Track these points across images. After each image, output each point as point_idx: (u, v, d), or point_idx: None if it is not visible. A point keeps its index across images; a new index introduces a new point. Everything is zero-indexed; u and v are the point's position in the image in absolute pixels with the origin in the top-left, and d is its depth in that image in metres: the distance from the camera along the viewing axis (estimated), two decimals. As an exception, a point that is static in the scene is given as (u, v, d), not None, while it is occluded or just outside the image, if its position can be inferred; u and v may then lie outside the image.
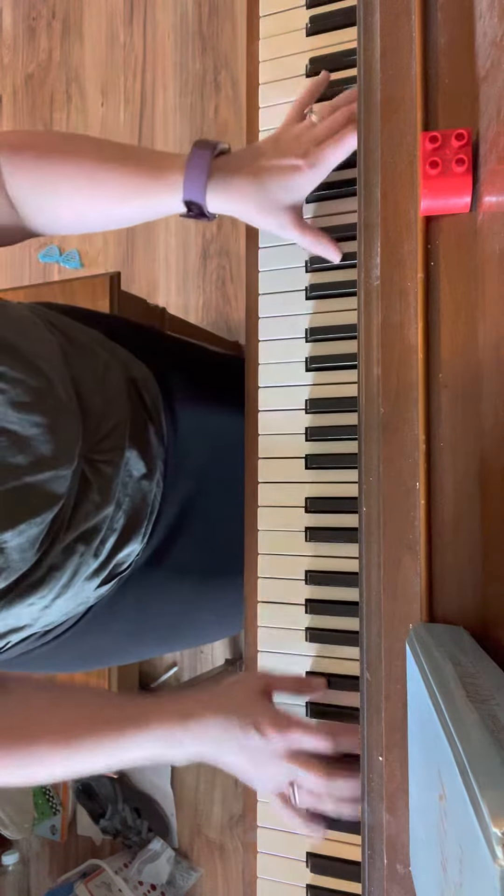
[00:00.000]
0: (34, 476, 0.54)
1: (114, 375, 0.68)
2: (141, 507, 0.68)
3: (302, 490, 0.61)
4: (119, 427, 0.65)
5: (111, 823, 1.60)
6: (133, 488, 0.66)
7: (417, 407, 0.42)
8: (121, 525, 0.66)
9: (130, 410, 0.67)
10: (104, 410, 0.64)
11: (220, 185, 0.58)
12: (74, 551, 0.61)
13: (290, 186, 0.58)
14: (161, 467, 0.70)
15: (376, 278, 0.45)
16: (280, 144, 0.58)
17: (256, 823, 0.60)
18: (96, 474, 0.62)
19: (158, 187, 0.59)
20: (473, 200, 0.41)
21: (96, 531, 0.63)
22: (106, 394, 0.65)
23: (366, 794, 0.43)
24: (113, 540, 0.65)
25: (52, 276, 1.93)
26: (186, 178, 0.57)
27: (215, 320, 1.72)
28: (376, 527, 0.44)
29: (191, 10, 1.80)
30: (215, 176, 0.58)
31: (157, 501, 0.70)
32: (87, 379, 0.64)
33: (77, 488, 0.60)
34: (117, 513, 0.65)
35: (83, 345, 0.67)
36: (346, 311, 0.61)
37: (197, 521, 0.75)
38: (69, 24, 1.98)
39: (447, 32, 0.44)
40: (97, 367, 0.66)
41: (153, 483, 0.69)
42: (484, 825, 0.22)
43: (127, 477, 0.65)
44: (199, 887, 1.61)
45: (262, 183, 0.57)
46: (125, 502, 0.66)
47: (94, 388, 0.64)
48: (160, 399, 0.73)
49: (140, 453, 0.67)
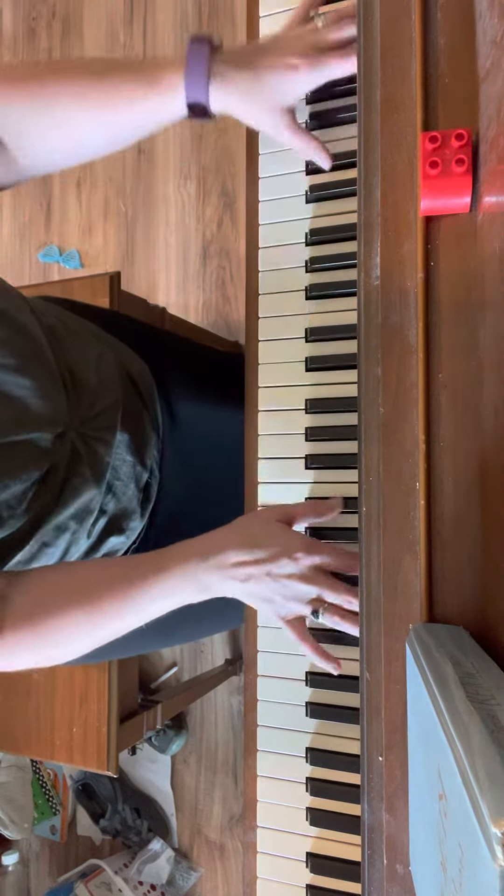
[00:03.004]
0: (20, 434, 0.55)
1: (107, 363, 0.68)
2: (133, 494, 0.68)
3: (302, 490, 0.61)
4: (112, 408, 0.66)
5: (111, 823, 1.60)
6: (125, 473, 0.67)
7: (417, 407, 0.42)
8: (112, 508, 0.66)
9: (124, 395, 0.68)
10: (98, 390, 0.65)
11: (220, 83, 0.55)
12: (66, 529, 0.61)
13: (287, 86, 0.55)
14: (156, 457, 0.71)
15: (376, 278, 0.45)
16: (281, 43, 0.56)
17: (256, 823, 0.60)
18: (88, 449, 0.62)
19: (160, 90, 0.56)
20: (473, 200, 0.41)
21: (88, 511, 0.63)
22: (100, 376, 0.66)
23: (366, 794, 0.43)
24: (104, 522, 0.66)
25: (52, 275, 1.93)
26: (188, 78, 0.54)
27: (215, 320, 1.72)
28: (376, 527, 0.44)
29: (191, 10, 1.80)
30: (215, 72, 0.55)
31: (151, 492, 0.71)
32: (79, 361, 0.64)
33: (68, 461, 0.60)
34: (108, 495, 0.65)
35: (77, 333, 0.68)
36: (346, 311, 0.61)
37: (195, 518, 0.75)
38: (69, 24, 1.98)
39: (447, 32, 0.44)
40: (90, 353, 0.67)
41: (146, 471, 0.69)
42: (484, 825, 0.22)
43: (119, 460, 0.66)
44: (199, 887, 1.61)
45: (261, 80, 0.55)
46: (116, 486, 0.66)
47: (87, 370, 0.65)
48: (155, 390, 0.74)
49: (132, 438, 0.67)
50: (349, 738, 0.58)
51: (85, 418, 0.63)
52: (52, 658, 0.57)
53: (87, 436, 0.63)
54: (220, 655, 1.62)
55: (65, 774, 1.73)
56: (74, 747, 1.03)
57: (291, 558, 0.53)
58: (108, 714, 1.00)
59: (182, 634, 0.93)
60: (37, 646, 0.55)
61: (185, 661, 1.67)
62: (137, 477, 0.68)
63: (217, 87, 0.55)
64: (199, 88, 0.54)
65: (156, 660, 1.68)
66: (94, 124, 0.57)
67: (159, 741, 1.59)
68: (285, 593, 0.53)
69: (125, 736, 1.04)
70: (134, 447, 0.67)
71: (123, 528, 0.68)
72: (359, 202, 0.47)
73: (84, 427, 0.62)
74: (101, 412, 0.64)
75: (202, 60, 0.54)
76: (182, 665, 1.67)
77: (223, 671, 1.52)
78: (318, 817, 0.58)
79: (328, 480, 0.60)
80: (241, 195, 1.66)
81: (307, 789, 0.58)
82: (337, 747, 0.58)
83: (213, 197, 1.75)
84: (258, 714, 0.61)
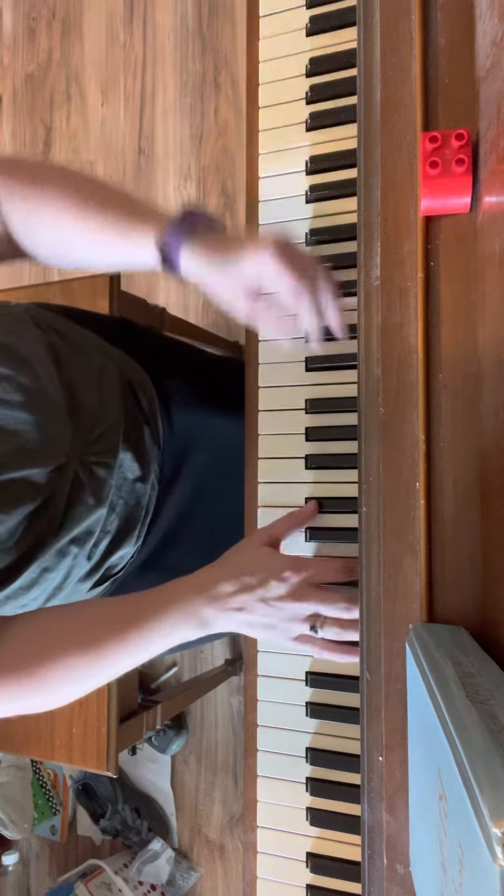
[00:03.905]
0: (17, 471, 0.54)
1: (109, 377, 0.68)
2: (135, 510, 0.68)
3: (302, 490, 0.61)
4: (114, 428, 0.65)
5: (111, 823, 1.60)
6: (127, 491, 0.66)
7: (417, 407, 0.42)
8: (114, 528, 0.65)
9: (125, 412, 0.67)
10: (98, 411, 0.64)
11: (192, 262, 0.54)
12: (67, 553, 0.61)
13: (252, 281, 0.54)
14: (156, 470, 0.70)
15: (376, 278, 0.45)
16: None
17: (256, 823, 0.60)
18: (90, 476, 0.62)
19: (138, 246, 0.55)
20: (473, 200, 0.41)
21: (90, 534, 0.63)
22: (101, 395, 0.65)
23: (366, 794, 0.43)
24: (106, 542, 0.65)
25: (52, 276, 1.93)
26: (163, 251, 0.54)
27: (215, 320, 1.72)
28: (376, 527, 0.44)
29: (191, 10, 1.80)
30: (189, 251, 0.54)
31: (151, 504, 0.70)
32: (81, 379, 0.64)
33: (70, 490, 0.60)
34: (111, 515, 0.64)
35: (79, 346, 0.67)
36: (346, 311, 0.61)
37: (194, 524, 0.75)
38: (69, 24, 1.98)
39: (447, 32, 0.44)
40: (92, 369, 0.66)
41: (147, 485, 0.69)
42: (484, 825, 0.22)
43: (121, 479, 0.65)
44: (199, 887, 1.61)
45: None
46: (119, 505, 0.65)
47: (88, 389, 0.64)
48: (157, 402, 0.73)
49: (135, 455, 0.67)
50: (349, 738, 0.58)
51: (86, 442, 0.62)
52: (47, 703, 0.56)
53: (88, 462, 0.62)
54: (220, 655, 1.62)
55: (65, 774, 1.73)
56: (74, 747, 1.03)
57: (279, 579, 0.53)
58: (107, 714, 1.00)
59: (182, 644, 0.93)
60: (33, 691, 0.53)
61: (185, 661, 1.67)
62: (139, 493, 0.68)
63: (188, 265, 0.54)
64: (172, 263, 0.55)
65: (156, 660, 1.68)
66: (76, 249, 0.59)
67: (159, 741, 1.59)
68: (281, 616, 0.53)
69: (125, 736, 1.04)
70: (136, 464, 0.67)
71: (124, 544, 0.68)
72: (359, 202, 0.47)
73: (85, 453, 0.62)
74: (102, 434, 0.64)
75: (179, 243, 0.54)
76: (182, 665, 1.67)
77: (223, 671, 1.52)
78: (318, 817, 0.58)
79: (328, 480, 0.60)
80: (241, 195, 1.66)
81: (307, 789, 0.58)
82: (337, 747, 0.58)
83: (213, 197, 1.75)
84: (258, 714, 0.61)
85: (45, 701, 0.55)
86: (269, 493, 0.63)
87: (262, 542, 0.57)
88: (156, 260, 0.55)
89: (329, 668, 0.59)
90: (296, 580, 0.53)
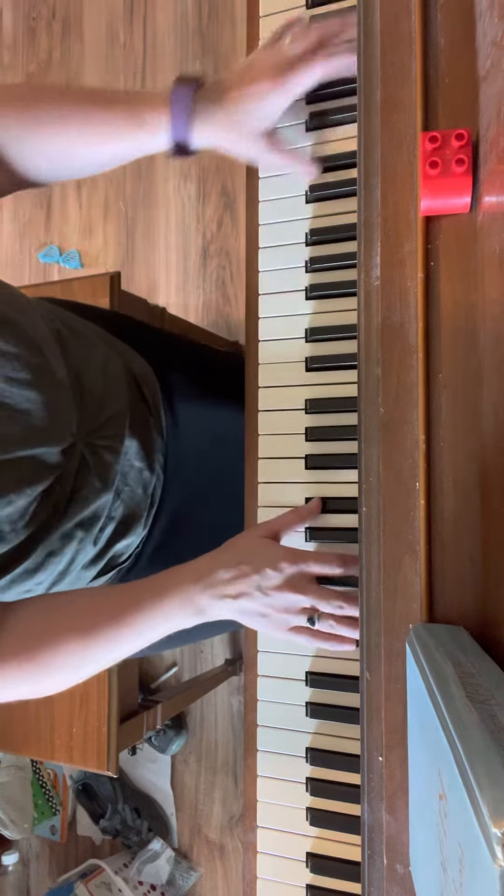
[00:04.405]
0: (26, 449, 0.55)
1: (114, 368, 0.68)
2: (140, 499, 0.68)
3: (302, 490, 0.61)
4: (120, 415, 0.66)
5: (111, 823, 1.60)
6: (133, 478, 0.67)
7: (417, 407, 0.42)
8: (119, 514, 0.66)
9: (130, 401, 0.68)
10: (104, 397, 0.65)
11: (201, 122, 0.58)
12: (73, 537, 0.61)
13: (259, 113, 0.57)
14: (161, 460, 0.71)
15: (376, 278, 0.45)
16: (252, 69, 0.58)
17: (256, 823, 0.60)
18: (96, 459, 0.62)
19: (144, 128, 0.58)
20: (473, 200, 0.41)
21: (95, 518, 0.63)
22: (106, 383, 0.66)
23: (366, 794, 0.43)
24: (111, 528, 0.66)
25: (52, 276, 1.93)
26: (172, 121, 0.57)
27: (215, 320, 1.72)
28: (376, 527, 0.44)
29: (191, 10, 1.80)
30: (197, 112, 0.57)
31: (156, 494, 0.71)
32: (86, 366, 0.64)
33: (76, 471, 0.60)
34: (116, 501, 0.65)
35: (83, 336, 0.68)
36: (346, 311, 0.61)
37: (197, 518, 0.75)
38: (69, 24, 1.98)
39: (447, 32, 0.44)
40: (97, 359, 0.67)
41: (153, 475, 0.69)
42: (484, 825, 0.22)
43: (127, 466, 0.66)
44: (199, 887, 1.61)
45: (234, 112, 0.57)
46: (124, 491, 0.66)
47: (94, 375, 0.65)
48: (159, 394, 0.74)
49: (140, 444, 0.67)
50: (349, 738, 0.58)
51: (92, 427, 0.62)
52: (48, 688, 0.56)
53: (95, 445, 0.62)
54: (220, 655, 1.62)
55: (65, 774, 1.73)
56: (74, 747, 1.03)
57: (276, 569, 0.54)
58: (108, 714, 1.00)
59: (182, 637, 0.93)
60: (33, 676, 0.54)
61: (185, 661, 1.67)
62: (145, 482, 0.68)
63: (199, 127, 0.58)
64: (181, 130, 0.58)
65: (156, 660, 1.69)
66: (83, 151, 0.61)
67: (159, 741, 1.59)
68: (276, 605, 0.54)
69: (125, 736, 1.04)
70: (142, 453, 0.67)
71: (129, 533, 0.68)
72: (359, 202, 0.47)
73: (92, 437, 0.62)
74: (108, 420, 0.64)
75: (185, 104, 0.57)
76: (182, 665, 1.67)
77: (223, 671, 1.52)
78: (318, 817, 0.58)
79: (328, 480, 0.60)
80: (241, 195, 1.66)
81: (307, 789, 0.58)
82: (337, 747, 0.58)
83: (213, 197, 1.75)
84: (258, 714, 0.61)
85: (46, 686, 0.56)
86: (269, 493, 0.63)
87: (262, 533, 0.57)
88: (167, 143, 0.59)
89: (329, 668, 0.59)
90: (292, 571, 0.54)
